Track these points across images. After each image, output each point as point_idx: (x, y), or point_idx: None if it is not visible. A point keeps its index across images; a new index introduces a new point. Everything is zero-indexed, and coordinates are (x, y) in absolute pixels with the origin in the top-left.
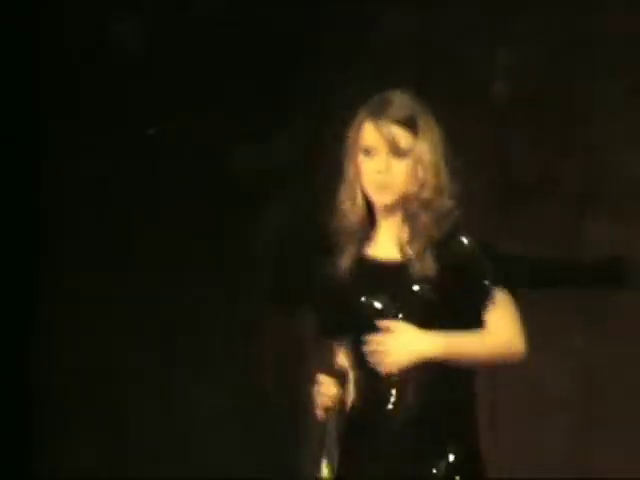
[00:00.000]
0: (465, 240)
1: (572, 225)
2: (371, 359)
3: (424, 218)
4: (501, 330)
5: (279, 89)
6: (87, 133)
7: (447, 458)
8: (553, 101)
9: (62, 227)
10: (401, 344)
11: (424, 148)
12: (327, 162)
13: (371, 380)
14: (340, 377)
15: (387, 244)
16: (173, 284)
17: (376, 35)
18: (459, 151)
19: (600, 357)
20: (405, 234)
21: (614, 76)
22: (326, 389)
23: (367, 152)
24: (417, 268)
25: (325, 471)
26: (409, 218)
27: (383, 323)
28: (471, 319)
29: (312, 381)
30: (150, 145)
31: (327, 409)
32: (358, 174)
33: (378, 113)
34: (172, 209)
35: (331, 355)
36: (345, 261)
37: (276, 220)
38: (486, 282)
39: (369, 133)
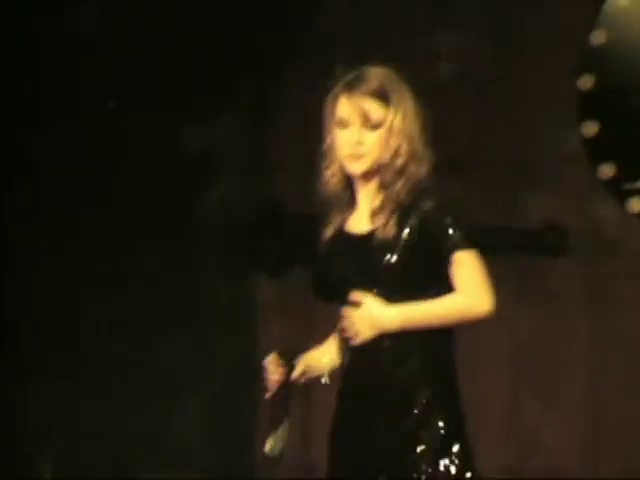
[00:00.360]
0: (431, 204)
1: (509, 196)
2: (343, 331)
3: (398, 186)
4: (469, 290)
5: (229, 73)
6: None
7: (430, 425)
8: (490, 81)
9: None
10: (364, 318)
11: (397, 119)
12: (273, 140)
13: (349, 349)
14: (289, 356)
15: (364, 215)
16: (129, 254)
17: (320, 18)
18: None
19: (535, 319)
20: (378, 203)
21: (548, 58)
22: (271, 370)
23: (341, 124)
24: (383, 236)
25: (268, 446)
26: (384, 186)
27: (352, 297)
28: (441, 282)
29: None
30: (105, 124)
31: (273, 391)
32: (334, 146)
33: (352, 87)
34: (128, 186)
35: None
36: (328, 231)
37: (224, 195)
38: (451, 244)
39: (343, 106)
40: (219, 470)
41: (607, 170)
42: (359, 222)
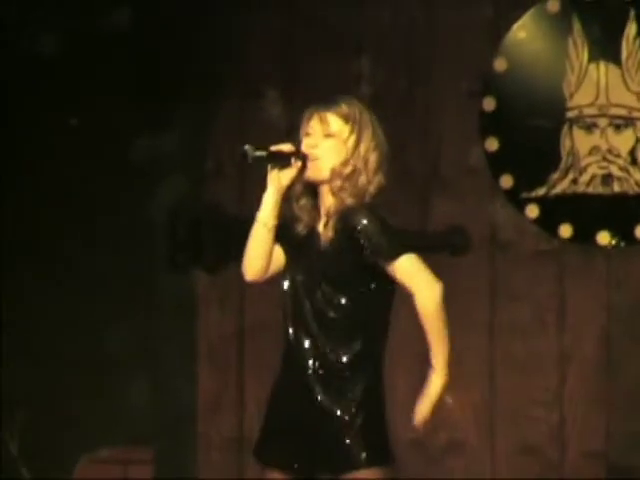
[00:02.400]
0: (365, 215)
1: (422, 202)
2: None
3: (344, 193)
4: (422, 293)
5: (172, 84)
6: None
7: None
8: (406, 101)
9: None
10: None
11: (352, 135)
12: (212, 147)
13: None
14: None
15: (323, 217)
16: (80, 248)
17: (251, 35)
18: None
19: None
20: (329, 207)
21: (456, 82)
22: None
23: (307, 134)
24: (324, 238)
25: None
26: (332, 192)
27: None
28: (380, 280)
29: None
30: (64, 133)
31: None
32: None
33: (322, 107)
34: (82, 185)
35: None
36: (297, 228)
37: (169, 196)
38: (387, 256)
39: (311, 121)
40: (163, 446)
41: (506, 181)
42: (321, 224)
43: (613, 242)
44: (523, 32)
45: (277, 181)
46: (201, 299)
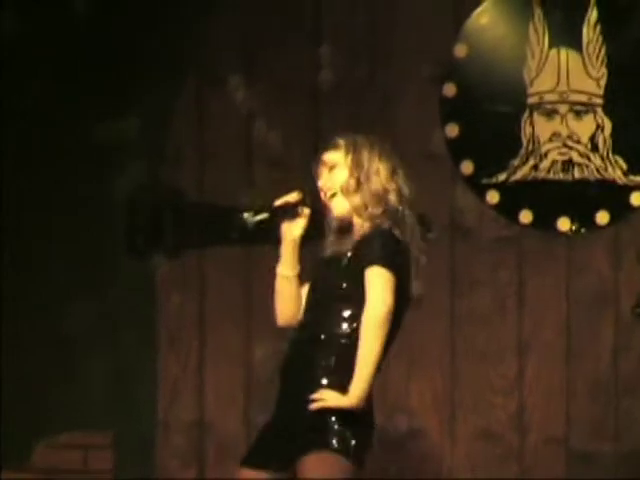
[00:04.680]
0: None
1: None
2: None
3: (370, 208)
4: (372, 304)
5: (132, 68)
6: None
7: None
8: (368, 88)
9: None
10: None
11: (349, 154)
12: (174, 133)
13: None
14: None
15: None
16: (43, 232)
17: (211, 20)
18: (278, 125)
19: None
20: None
21: (417, 69)
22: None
23: (318, 178)
24: (340, 255)
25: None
26: (360, 210)
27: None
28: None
29: None
30: (22, 117)
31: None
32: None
33: (322, 153)
34: (41, 169)
35: None
36: (324, 247)
37: (129, 181)
38: (369, 259)
39: (319, 166)
40: (122, 431)
41: (467, 167)
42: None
43: (573, 228)
44: (484, 18)
45: (289, 233)
46: (161, 284)
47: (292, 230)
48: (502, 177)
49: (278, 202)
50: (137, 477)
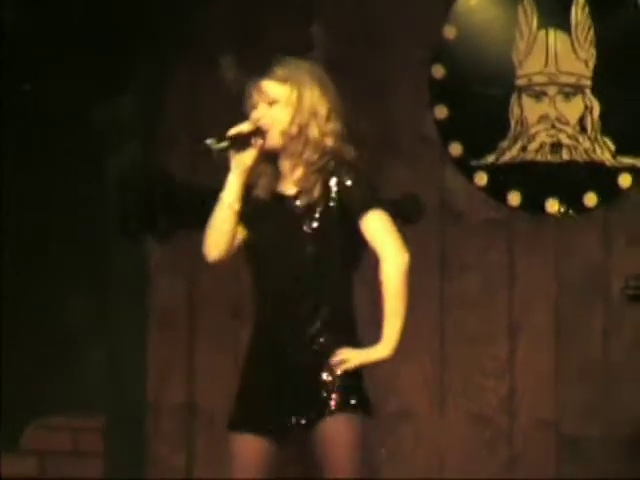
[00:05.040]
0: (347, 174)
1: (373, 170)
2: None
3: (305, 152)
4: (389, 251)
5: (125, 50)
6: None
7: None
8: (358, 70)
9: None
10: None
11: (294, 92)
12: (166, 115)
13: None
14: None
15: (290, 180)
16: (37, 216)
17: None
18: None
19: None
20: (297, 170)
21: (406, 50)
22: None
23: (253, 108)
24: (307, 200)
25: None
26: (293, 154)
27: (334, 360)
28: (353, 241)
29: None
30: (18, 99)
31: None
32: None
33: (258, 79)
34: (33, 152)
35: None
36: (256, 192)
37: (121, 164)
38: (363, 206)
39: (253, 94)
40: (113, 414)
41: (456, 149)
42: (287, 187)
43: (562, 210)
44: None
45: (241, 162)
46: (153, 267)
47: (244, 159)
48: (491, 159)
49: (232, 131)
50: (127, 459)
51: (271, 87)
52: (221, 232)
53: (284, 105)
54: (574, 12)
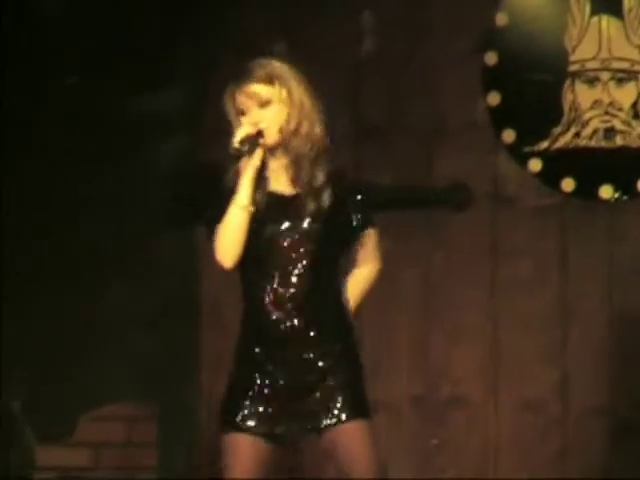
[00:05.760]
0: (349, 182)
1: (423, 159)
2: None
3: (300, 148)
4: (373, 262)
5: (171, 41)
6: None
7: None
8: (409, 57)
9: None
10: None
11: (283, 89)
12: (212, 109)
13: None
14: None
15: (283, 178)
16: (79, 212)
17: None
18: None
19: (445, 264)
20: (293, 166)
21: (459, 37)
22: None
23: (242, 113)
24: (312, 202)
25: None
26: (287, 149)
27: None
28: (342, 249)
29: None
30: (65, 94)
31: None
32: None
33: (242, 81)
34: (80, 144)
35: None
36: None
37: (168, 155)
38: (364, 222)
39: (238, 98)
40: (166, 403)
41: (509, 135)
42: (282, 185)
43: (615, 196)
44: None
45: (251, 165)
46: (202, 256)
47: (253, 161)
48: (544, 145)
49: (239, 137)
50: (180, 449)
51: (260, 89)
52: (236, 236)
53: (277, 104)
54: None
